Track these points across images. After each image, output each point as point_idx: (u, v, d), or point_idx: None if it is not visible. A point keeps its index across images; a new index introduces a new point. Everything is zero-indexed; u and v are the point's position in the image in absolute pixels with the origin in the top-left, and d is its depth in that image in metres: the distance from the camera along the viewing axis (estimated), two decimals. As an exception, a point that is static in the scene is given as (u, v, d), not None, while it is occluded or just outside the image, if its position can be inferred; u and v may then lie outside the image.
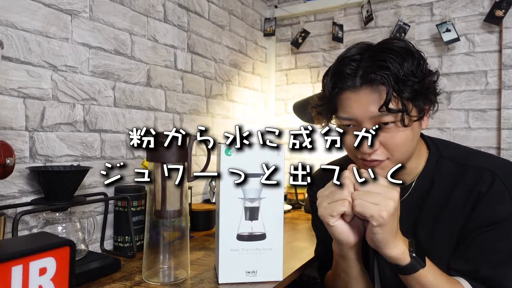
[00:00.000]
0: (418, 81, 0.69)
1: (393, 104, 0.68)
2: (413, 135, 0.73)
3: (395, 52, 0.70)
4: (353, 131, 0.73)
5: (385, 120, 0.70)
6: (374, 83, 0.69)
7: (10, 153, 0.71)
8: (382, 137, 0.72)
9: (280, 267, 0.87)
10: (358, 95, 0.71)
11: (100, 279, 0.88)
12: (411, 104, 0.70)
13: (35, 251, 0.36)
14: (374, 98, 0.69)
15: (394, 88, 0.67)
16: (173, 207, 0.87)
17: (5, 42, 0.90)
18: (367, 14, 1.73)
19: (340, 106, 0.75)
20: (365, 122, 0.72)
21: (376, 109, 0.69)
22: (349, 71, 0.71)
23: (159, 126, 1.35)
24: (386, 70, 0.68)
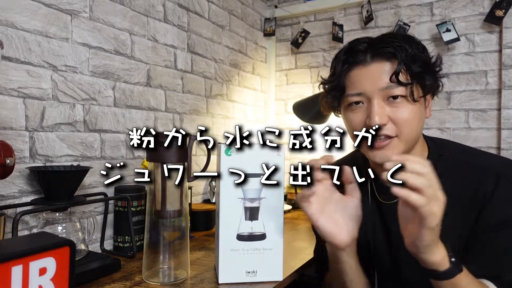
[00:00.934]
0: (425, 59, 0.72)
1: (403, 77, 0.70)
2: (420, 114, 0.74)
3: (401, 36, 0.74)
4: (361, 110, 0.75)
5: (394, 93, 0.71)
6: (385, 55, 0.72)
7: (10, 153, 0.71)
8: (391, 112, 0.72)
9: (280, 267, 0.87)
10: (368, 69, 0.73)
11: (100, 279, 0.88)
12: (420, 80, 0.72)
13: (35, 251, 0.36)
14: (384, 70, 0.71)
15: (405, 61, 0.70)
16: (173, 207, 0.87)
17: (5, 42, 0.90)
18: (367, 14, 1.73)
19: (349, 84, 0.75)
20: (375, 96, 0.72)
21: (387, 80, 0.70)
22: (361, 47, 0.74)
23: (159, 126, 1.35)
24: (397, 43, 0.71)
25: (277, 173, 0.85)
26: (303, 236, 1.31)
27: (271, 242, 0.85)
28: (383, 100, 0.73)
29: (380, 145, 0.74)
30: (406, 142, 0.74)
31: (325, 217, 0.70)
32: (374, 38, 0.76)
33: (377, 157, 0.76)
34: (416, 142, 0.78)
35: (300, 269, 0.99)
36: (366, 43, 0.75)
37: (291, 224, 1.49)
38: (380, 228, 0.84)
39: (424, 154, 0.82)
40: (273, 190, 0.85)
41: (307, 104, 1.61)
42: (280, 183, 0.85)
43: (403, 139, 0.74)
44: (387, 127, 0.73)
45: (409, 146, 0.76)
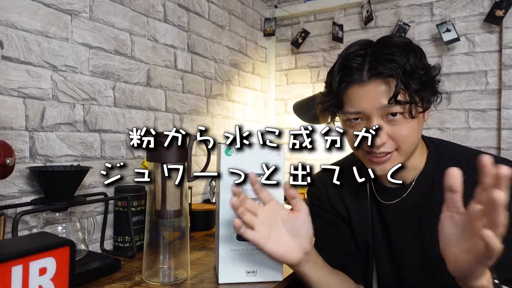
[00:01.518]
0: (424, 73, 0.70)
1: (401, 96, 0.69)
2: (418, 126, 0.74)
3: (398, 46, 0.71)
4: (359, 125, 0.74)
5: (393, 111, 0.70)
6: (382, 75, 0.69)
7: (10, 153, 0.71)
8: (390, 130, 0.72)
9: (280, 267, 0.87)
10: (366, 88, 0.71)
11: (100, 279, 0.88)
12: (418, 95, 0.71)
13: (35, 251, 0.36)
14: (382, 90, 0.70)
15: (403, 80, 0.68)
16: (173, 207, 0.87)
17: (5, 42, 0.90)
18: (367, 14, 1.73)
19: (347, 101, 0.75)
20: (374, 114, 0.72)
21: (385, 101, 0.69)
22: (355, 65, 0.72)
23: (159, 126, 1.35)
24: (394, 63, 0.69)
25: (277, 173, 0.85)
26: (303, 236, 1.31)
27: (271, 242, 0.85)
28: (382, 118, 0.72)
29: (380, 160, 0.75)
30: (405, 154, 0.75)
31: (272, 241, 0.69)
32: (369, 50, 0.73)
33: (377, 171, 0.76)
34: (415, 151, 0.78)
35: (300, 269, 0.99)
36: (361, 58, 0.72)
37: (291, 224, 1.49)
38: (380, 229, 0.84)
39: (424, 156, 0.82)
40: (273, 190, 0.85)
41: (307, 104, 1.61)
42: (280, 183, 0.85)
43: (402, 153, 0.74)
44: (386, 145, 0.73)
45: (408, 157, 0.77)
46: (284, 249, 0.70)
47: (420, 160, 0.81)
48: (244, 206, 0.69)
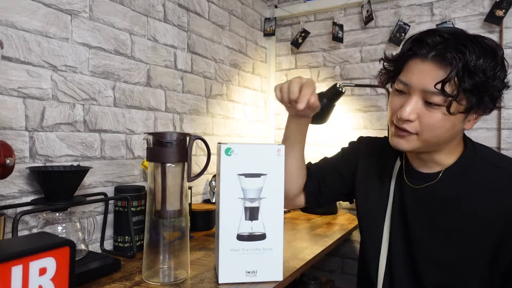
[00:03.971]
0: (484, 79, 0.69)
1: (449, 88, 0.69)
2: (450, 126, 0.74)
3: (480, 45, 0.70)
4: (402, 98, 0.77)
5: (433, 99, 0.71)
6: (443, 60, 0.70)
7: (10, 153, 0.71)
8: (422, 112, 0.74)
9: (280, 267, 0.87)
10: (424, 65, 0.72)
11: (100, 279, 0.88)
12: (465, 96, 0.70)
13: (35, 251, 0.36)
14: (435, 74, 0.70)
15: (458, 74, 0.68)
16: (173, 207, 0.87)
17: (5, 42, 0.90)
18: (367, 14, 1.73)
19: (405, 70, 0.77)
20: (416, 92, 0.73)
21: (432, 84, 0.70)
22: (430, 41, 0.72)
23: (159, 126, 1.35)
24: (461, 55, 0.69)
25: (277, 173, 0.85)
26: (303, 236, 1.31)
27: (271, 242, 0.85)
28: (422, 99, 0.73)
29: (399, 133, 0.78)
30: (424, 142, 0.77)
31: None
32: (455, 36, 0.72)
33: (393, 142, 0.80)
34: (445, 146, 0.79)
35: (300, 269, 0.99)
36: (439, 38, 0.72)
37: (291, 224, 1.49)
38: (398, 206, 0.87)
39: (457, 154, 0.83)
40: (273, 190, 0.85)
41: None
42: (280, 183, 0.85)
43: (422, 139, 0.76)
44: (411, 124, 0.75)
45: (429, 145, 0.78)
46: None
47: (451, 157, 0.82)
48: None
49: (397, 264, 0.86)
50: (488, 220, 0.76)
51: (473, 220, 0.77)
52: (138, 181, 1.25)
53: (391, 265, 0.87)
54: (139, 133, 1.26)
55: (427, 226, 0.82)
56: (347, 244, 1.84)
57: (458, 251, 0.78)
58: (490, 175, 0.78)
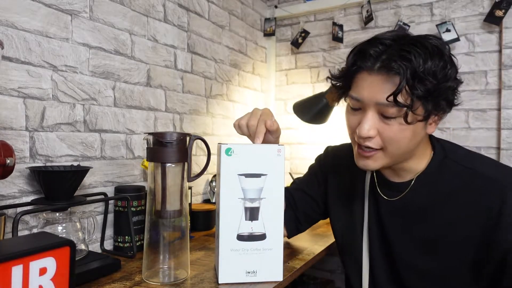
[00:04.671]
0: (435, 83, 0.67)
1: (402, 98, 0.67)
2: (413, 135, 0.72)
3: (424, 48, 0.67)
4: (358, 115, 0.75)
5: (388, 112, 0.69)
6: (390, 71, 0.67)
7: (10, 153, 0.71)
8: (381, 127, 0.72)
9: (280, 267, 0.87)
10: (373, 78, 0.70)
11: (100, 279, 0.88)
12: (420, 103, 0.68)
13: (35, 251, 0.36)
14: (386, 86, 0.68)
15: (408, 82, 0.66)
16: (173, 207, 0.87)
17: (5, 42, 0.90)
18: (367, 14, 1.73)
19: (354, 85, 0.75)
20: (370, 107, 0.71)
21: (384, 97, 0.67)
22: (372, 52, 0.70)
23: (159, 126, 1.35)
24: (407, 62, 0.66)
25: (277, 173, 0.85)
26: (303, 236, 1.31)
27: (271, 242, 0.85)
28: (378, 113, 0.71)
29: (364, 154, 0.76)
30: (391, 156, 0.75)
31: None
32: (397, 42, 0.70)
33: (360, 164, 0.79)
34: (412, 152, 0.77)
35: (300, 269, 0.99)
36: (382, 47, 0.71)
37: (291, 224, 1.49)
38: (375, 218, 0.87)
39: (426, 158, 0.81)
40: (273, 190, 0.85)
41: (307, 104, 1.61)
42: (280, 183, 0.85)
43: (387, 154, 0.75)
44: (373, 140, 0.73)
45: (397, 158, 0.76)
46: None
47: (421, 162, 0.80)
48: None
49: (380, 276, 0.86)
50: (465, 226, 0.74)
51: (449, 228, 0.76)
52: (138, 181, 1.25)
53: (374, 279, 0.87)
54: (139, 133, 1.26)
55: (405, 237, 0.81)
56: (347, 244, 1.84)
57: (439, 260, 0.77)
58: (461, 179, 0.76)
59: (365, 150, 0.75)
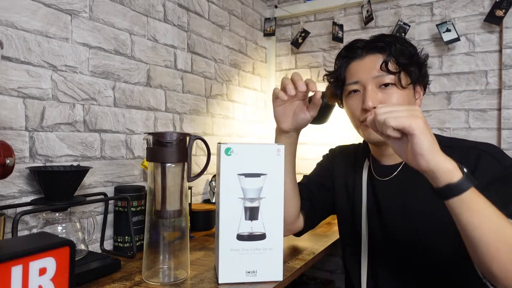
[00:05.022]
0: (412, 52, 0.86)
1: (391, 66, 0.84)
2: (408, 100, 0.86)
3: (393, 37, 0.90)
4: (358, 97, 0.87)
5: (385, 81, 0.84)
6: (375, 49, 0.86)
7: (10, 153, 0.71)
8: (382, 97, 0.85)
9: (280, 267, 0.87)
10: (363, 61, 0.87)
11: (100, 279, 0.88)
12: (407, 70, 0.85)
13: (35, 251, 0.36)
14: (376, 62, 0.85)
15: (393, 54, 0.84)
16: (173, 207, 0.87)
17: (5, 42, 0.90)
18: (367, 14, 1.73)
19: (348, 75, 0.90)
20: (369, 83, 0.85)
21: (378, 69, 0.84)
22: (359, 44, 0.89)
23: (159, 126, 1.35)
24: (387, 39, 0.87)
25: (277, 173, 0.85)
26: (303, 236, 1.31)
27: (271, 242, 0.85)
28: (376, 87, 0.85)
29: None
30: None
31: (281, 109, 0.90)
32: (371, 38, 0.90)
33: (372, 135, 0.87)
34: None
35: (300, 269, 0.99)
36: (364, 42, 0.89)
37: (291, 224, 1.49)
38: (373, 199, 0.95)
39: None
40: (273, 190, 0.85)
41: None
42: (280, 183, 0.85)
43: None
44: None
45: None
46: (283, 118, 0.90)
47: None
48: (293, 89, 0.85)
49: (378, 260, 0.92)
50: None
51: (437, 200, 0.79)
52: (138, 181, 1.25)
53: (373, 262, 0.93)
54: (139, 133, 1.26)
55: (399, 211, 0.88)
56: (347, 244, 1.84)
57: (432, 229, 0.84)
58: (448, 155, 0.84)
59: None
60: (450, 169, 0.61)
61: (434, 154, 0.61)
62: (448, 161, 0.62)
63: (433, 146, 0.61)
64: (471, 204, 0.61)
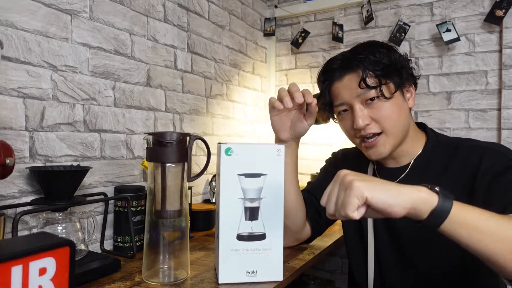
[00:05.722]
0: (388, 61, 0.84)
1: (371, 81, 0.83)
2: (398, 107, 0.85)
3: (367, 45, 0.88)
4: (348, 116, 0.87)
5: (369, 96, 0.84)
6: (352, 68, 0.85)
7: (10, 153, 0.71)
8: (371, 113, 0.84)
9: (280, 267, 0.87)
10: (343, 82, 0.87)
11: (100, 279, 0.88)
12: (386, 79, 0.84)
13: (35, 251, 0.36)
14: (355, 80, 0.85)
15: (368, 68, 0.83)
16: (173, 207, 0.87)
17: (5, 42, 0.90)
18: (367, 14, 1.73)
19: (333, 97, 0.90)
20: (354, 101, 0.85)
21: (358, 87, 0.83)
22: (335, 66, 0.88)
23: (159, 126, 1.35)
24: (361, 57, 0.84)
25: (277, 173, 0.85)
26: (303, 236, 1.32)
27: (271, 242, 0.85)
28: (362, 104, 0.85)
29: (371, 144, 0.86)
30: (393, 136, 0.85)
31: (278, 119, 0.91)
32: (344, 54, 0.89)
33: (373, 156, 0.87)
34: (407, 131, 0.88)
35: (300, 269, 0.99)
36: (339, 61, 0.88)
37: (291, 224, 1.49)
38: None
39: (421, 143, 0.91)
40: (273, 190, 0.85)
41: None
42: (280, 183, 0.85)
43: (389, 133, 0.85)
44: (371, 127, 0.85)
45: (399, 138, 0.86)
46: (280, 128, 0.92)
47: (417, 145, 0.90)
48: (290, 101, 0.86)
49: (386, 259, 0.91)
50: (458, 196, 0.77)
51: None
52: (138, 181, 1.25)
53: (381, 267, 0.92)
54: (139, 133, 1.26)
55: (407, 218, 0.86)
56: (347, 244, 1.84)
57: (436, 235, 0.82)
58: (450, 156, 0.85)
59: (369, 140, 0.86)
60: (425, 197, 0.58)
61: (399, 194, 0.57)
62: (416, 190, 0.58)
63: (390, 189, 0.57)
64: (463, 218, 0.58)
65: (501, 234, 0.57)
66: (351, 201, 0.56)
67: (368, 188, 0.56)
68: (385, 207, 0.56)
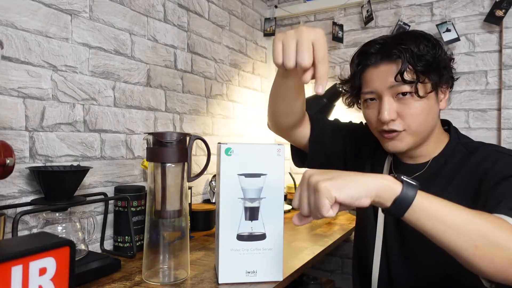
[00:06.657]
0: (431, 57, 0.78)
1: (408, 76, 0.77)
2: (429, 109, 0.80)
3: (413, 35, 0.81)
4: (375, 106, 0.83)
5: (402, 90, 0.78)
6: (392, 57, 0.78)
7: (10, 153, 0.71)
8: (399, 108, 0.80)
9: (280, 267, 0.87)
10: (378, 69, 0.81)
11: (100, 279, 0.88)
12: (425, 77, 0.78)
13: (35, 251, 0.36)
14: (392, 70, 0.78)
15: (409, 61, 0.76)
16: (173, 207, 0.87)
17: (5, 42, 0.90)
18: (367, 14, 1.73)
19: (364, 82, 0.84)
20: (384, 93, 0.80)
21: (393, 79, 0.77)
22: (372, 50, 0.82)
23: (159, 126, 1.35)
24: (404, 47, 0.77)
25: (277, 173, 0.85)
26: (303, 236, 1.31)
27: (271, 242, 0.85)
28: (393, 97, 0.80)
29: (390, 136, 0.82)
30: (414, 135, 0.81)
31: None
32: (386, 39, 0.82)
33: (390, 147, 0.84)
34: (431, 133, 0.84)
35: (300, 269, 0.99)
36: (378, 45, 0.82)
37: (291, 224, 1.49)
38: None
39: (442, 144, 0.87)
40: (273, 190, 0.85)
41: (307, 104, 1.60)
42: (280, 183, 0.85)
43: (411, 132, 0.81)
44: (395, 123, 0.80)
45: (420, 138, 0.82)
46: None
47: (438, 147, 0.86)
48: None
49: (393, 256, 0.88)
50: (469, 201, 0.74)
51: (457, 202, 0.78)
52: (138, 181, 1.25)
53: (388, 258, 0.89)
54: (139, 133, 1.26)
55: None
56: (347, 244, 1.84)
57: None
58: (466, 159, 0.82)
59: (390, 133, 0.82)
60: (389, 184, 0.58)
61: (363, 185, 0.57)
62: (381, 178, 0.58)
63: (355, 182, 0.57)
64: (426, 208, 0.57)
65: (465, 227, 0.56)
66: (322, 203, 0.57)
67: (335, 187, 0.57)
68: (353, 201, 0.57)
